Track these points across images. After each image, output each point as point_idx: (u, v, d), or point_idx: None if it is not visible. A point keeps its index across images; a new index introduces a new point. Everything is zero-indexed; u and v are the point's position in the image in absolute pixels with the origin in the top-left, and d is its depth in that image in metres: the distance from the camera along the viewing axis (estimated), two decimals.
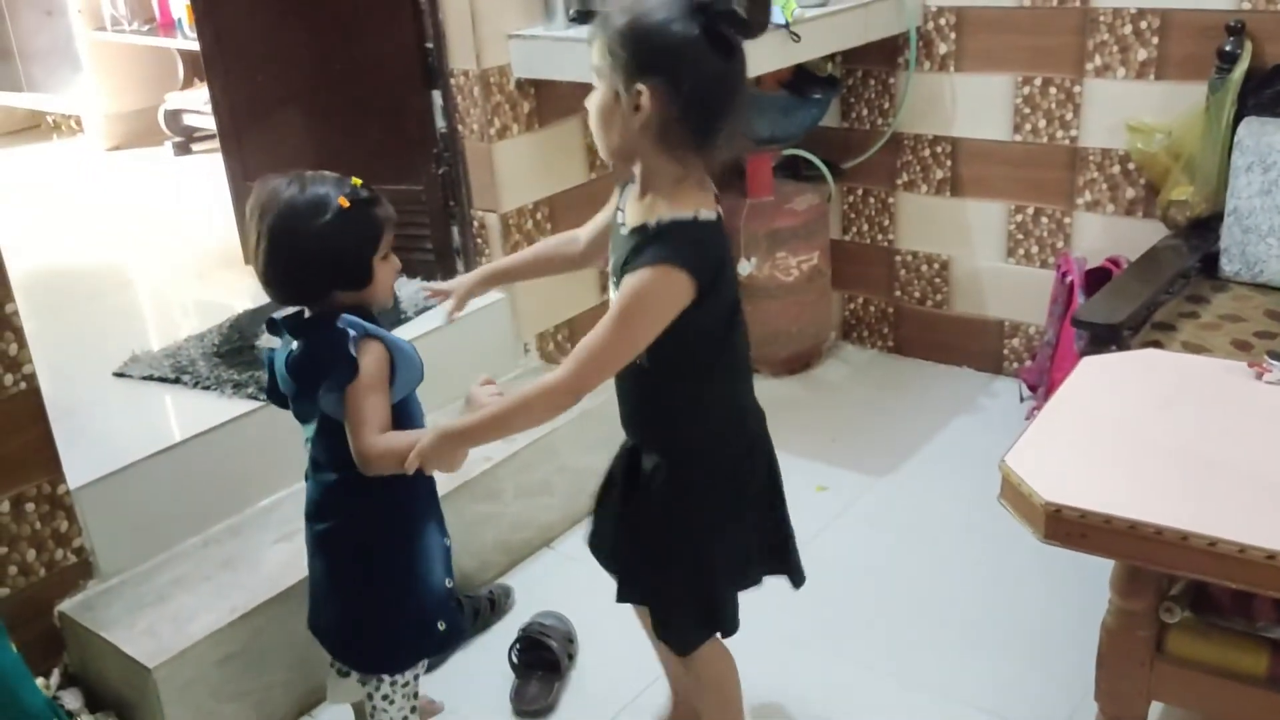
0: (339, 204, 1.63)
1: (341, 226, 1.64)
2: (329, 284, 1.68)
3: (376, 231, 1.68)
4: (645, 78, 1.47)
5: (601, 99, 1.53)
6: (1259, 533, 1.42)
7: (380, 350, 1.67)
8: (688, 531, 1.68)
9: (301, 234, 1.63)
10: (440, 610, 1.80)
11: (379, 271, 1.70)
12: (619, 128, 1.52)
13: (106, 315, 3.16)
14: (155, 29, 4.99)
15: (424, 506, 1.81)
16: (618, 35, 1.49)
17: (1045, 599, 2.37)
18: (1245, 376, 1.83)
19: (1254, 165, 2.57)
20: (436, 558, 1.81)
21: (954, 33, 3.14)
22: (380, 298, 1.73)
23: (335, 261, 1.66)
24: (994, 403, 3.23)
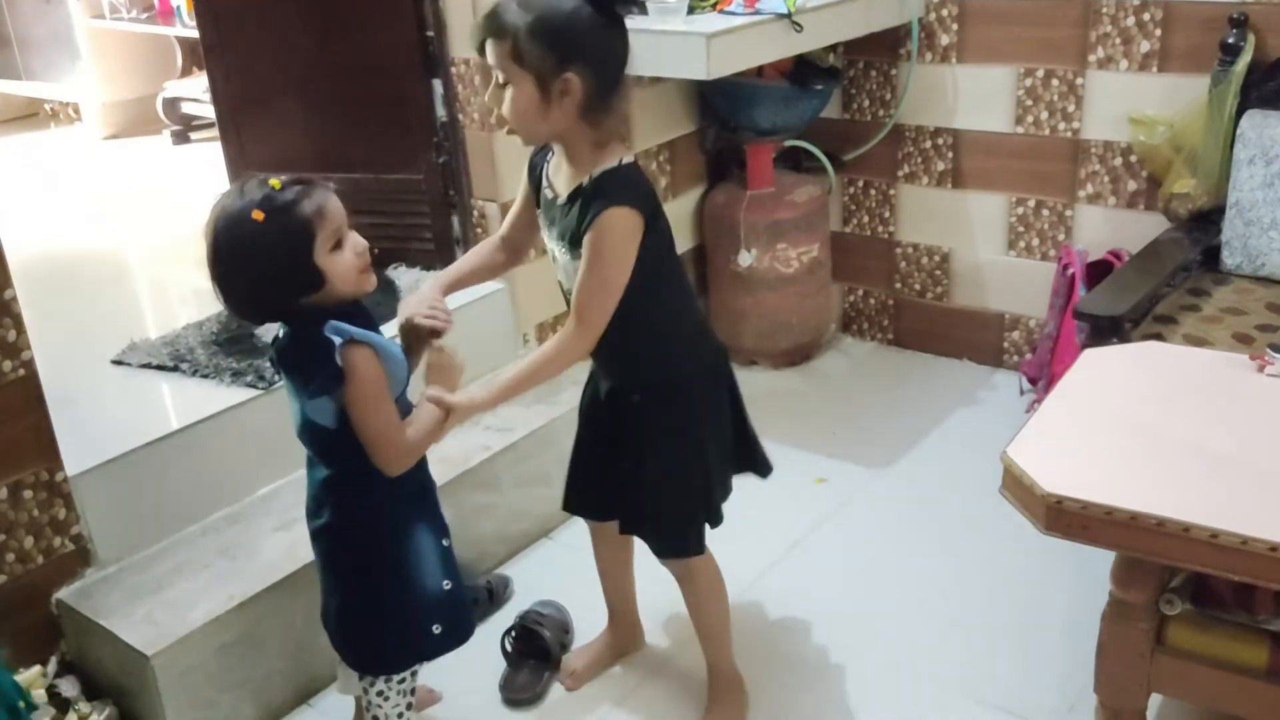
0: (253, 220, 1.55)
1: (262, 241, 1.56)
2: (281, 298, 1.62)
3: (304, 233, 1.57)
4: (569, 66, 1.61)
5: (527, 95, 1.63)
6: (1261, 524, 1.42)
7: (370, 354, 1.62)
8: (686, 440, 1.87)
9: (232, 260, 1.58)
10: (435, 613, 1.78)
11: (330, 266, 1.60)
12: (548, 116, 1.65)
13: (105, 303, 3.15)
14: (154, 17, 4.97)
15: (414, 507, 1.78)
16: (531, 34, 1.59)
17: (1046, 590, 2.36)
18: (1247, 369, 1.82)
19: (1256, 158, 2.56)
20: (430, 559, 1.78)
21: (956, 24, 3.13)
22: (344, 289, 1.63)
23: (273, 277, 1.59)
24: (994, 396, 3.23)
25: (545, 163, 1.81)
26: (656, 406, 1.86)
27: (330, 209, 1.60)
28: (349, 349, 1.59)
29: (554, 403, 2.68)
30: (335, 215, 1.61)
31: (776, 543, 2.54)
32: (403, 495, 1.75)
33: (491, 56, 1.64)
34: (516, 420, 2.61)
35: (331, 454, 1.73)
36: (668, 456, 1.88)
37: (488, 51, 1.65)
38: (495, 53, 1.63)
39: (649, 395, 1.87)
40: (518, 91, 1.63)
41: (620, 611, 2.24)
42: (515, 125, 1.69)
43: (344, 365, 1.59)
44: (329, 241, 1.60)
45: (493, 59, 1.64)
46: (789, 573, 2.47)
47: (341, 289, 1.63)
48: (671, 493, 1.90)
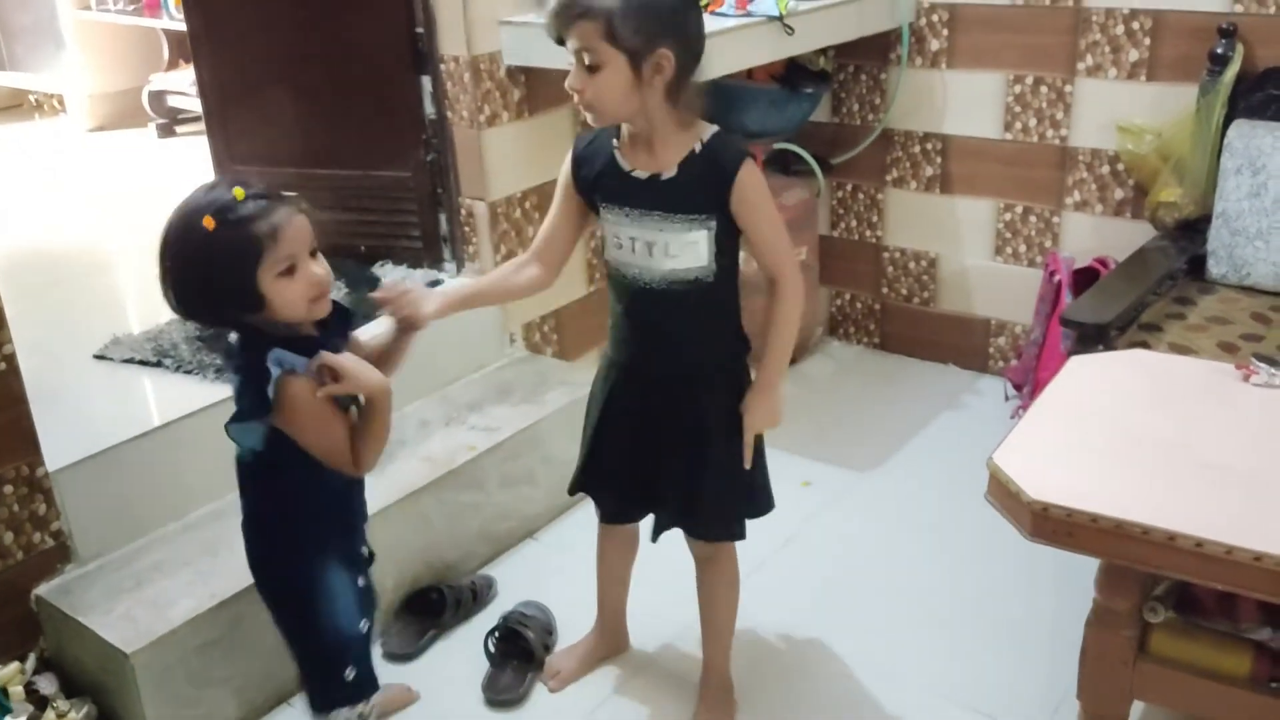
0: (203, 226, 1.49)
1: (206, 251, 1.50)
2: (218, 309, 1.58)
3: (249, 252, 1.50)
4: (662, 42, 1.64)
5: (620, 75, 1.65)
6: (1246, 534, 1.43)
7: (307, 386, 1.57)
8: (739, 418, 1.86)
9: (174, 260, 1.54)
10: (348, 656, 1.74)
11: (274, 291, 1.53)
12: (639, 95, 1.67)
13: (88, 297, 3.12)
14: (140, 9, 4.94)
15: (323, 543, 1.71)
16: (626, 13, 1.61)
17: (1030, 597, 2.37)
18: (1232, 378, 1.83)
19: (1243, 168, 2.57)
20: (342, 599, 1.72)
21: (946, 29, 3.14)
22: (288, 315, 1.56)
23: (210, 287, 1.54)
24: (979, 401, 3.23)
25: (607, 152, 1.80)
26: (720, 384, 1.87)
27: (287, 232, 1.53)
28: (286, 380, 1.55)
29: (540, 403, 2.67)
30: (292, 239, 1.53)
31: (762, 545, 2.53)
32: (317, 530, 1.70)
33: (579, 39, 1.64)
34: (502, 420, 2.60)
35: (253, 475, 1.71)
36: (726, 434, 1.87)
37: (575, 33, 1.64)
38: (585, 33, 1.63)
39: (715, 374, 1.87)
40: (610, 71, 1.64)
41: (610, 614, 2.23)
42: (601, 105, 1.68)
43: (279, 395, 1.55)
44: (278, 265, 1.53)
45: (581, 41, 1.64)
46: (774, 575, 2.47)
47: (285, 315, 1.56)
48: (728, 475, 1.89)
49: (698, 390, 1.86)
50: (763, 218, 1.77)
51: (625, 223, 1.80)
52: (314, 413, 1.59)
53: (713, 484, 1.89)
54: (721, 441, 1.87)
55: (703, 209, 1.74)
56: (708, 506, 1.92)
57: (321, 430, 1.61)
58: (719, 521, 1.95)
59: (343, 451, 1.64)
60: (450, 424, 2.59)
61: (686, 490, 1.90)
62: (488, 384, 2.77)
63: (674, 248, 1.77)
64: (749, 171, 1.73)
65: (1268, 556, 1.39)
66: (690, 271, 1.78)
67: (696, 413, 1.86)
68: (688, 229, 1.75)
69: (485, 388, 2.75)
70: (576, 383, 2.76)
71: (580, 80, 1.68)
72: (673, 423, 1.88)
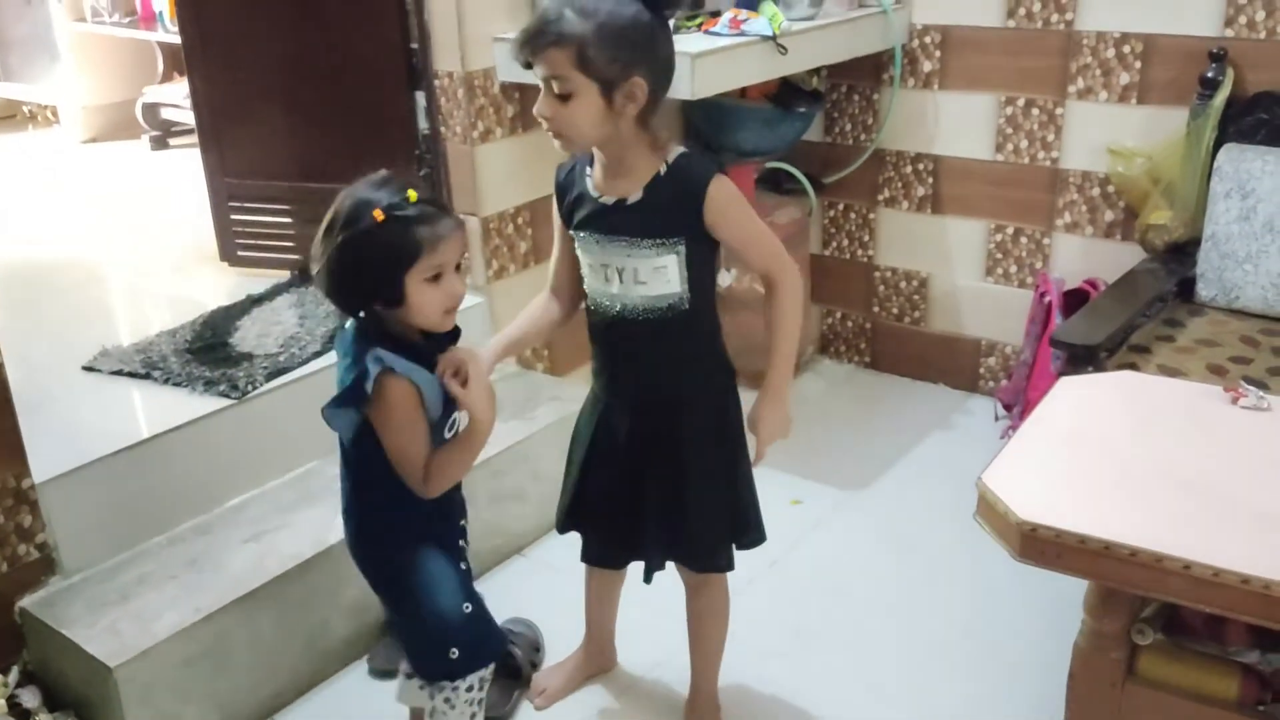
0: (373, 217, 1.56)
1: (370, 240, 1.56)
2: (360, 297, 1.63)
3: (409, 251, 1.57)
4: (635, 70, 1.61)
5: (591, 103, 1.62)
6: (1234, 557, 1.42)
7: (406, 387, 1.61)
8: (731, 444, 1.87)
9: (339, 241, 1.58)
10: (453, 637, 1.74)
11: (417, 293, 1.60)
12: (609, 122, 1.64)
13: (78, 309, 3.11)
14: (136, 21, 4.95)
15: (420, 530, 1.75)
16: (598, 41, 1.58)
17: (1019, 618, 2.37)
18: (1221, 401, 1.83)
19: (1233, 192, 2.59)
20: (444, 582, 1.75)
21: (939, 51, 3.15)
22: (420, 320, 1.63)
23: (361, 275, 1.59)
24: (969, 421, 3.24)
25: (582, 179, 1.77)
26: (702, 412, 1.84)
27: (445, 243, 1.59)
28: (385, 377, 1.59)
29: (530, 419, 2.67)
30: (446, 250, 1.60)
31: (752, 563, 2.51)
32: (416, 518, 1.73)
33: (549, 66, 1.61)
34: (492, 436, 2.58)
35: (351, 464, 1.74)
36: (710, 465, 1.85)
37: (545, 61, 1.61)
38: (556, 61, 1.60)
39: (696, 402, 1.83)
40: (581, 99, 1.61)
41: (598, 632, 2.22)
42: (572, 133, 1.66)
43: (377, 390, 1.59)
44: (428, 271, 1.59)
45: (550, 68, 1.61)
46: (763, 593, 2.46)
47: (418, 319, 1.62)
48: (713, 506, 1.87)
49: (679, 419, 1.83)
50: (744, 225, 1.74)
51: (595, 249, 1.77)
52: (404, 416, 1.63)
53: (697, 514, 1.87)
54: (705, 471, 1.85)
55: (671, 232, 1.70)
56: (693, 537, 1.90)
57: (405, 435, 1.64)
58: (705, 552, 1.93)
59: (416, 464, 1.65)
60: None
61: (671, 522, 1.88)
62: None
63: (643, 273, 1.73)
64: (719, 185, 1.69)
65: (1256, 579, 1.39)
66: (663, 298, 1.74)
67: (677, 441, 1.83)
68: (656, 254, 1.71)
69: None
70: (566, 399, 2.75)
71: (550, 108, 1.64)
72: (654, 454, 1.85)
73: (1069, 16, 2.93)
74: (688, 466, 1.84)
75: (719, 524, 1.90)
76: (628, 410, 1.87)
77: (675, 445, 1.84)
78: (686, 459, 1.84)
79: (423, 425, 1.65)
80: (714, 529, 1.90)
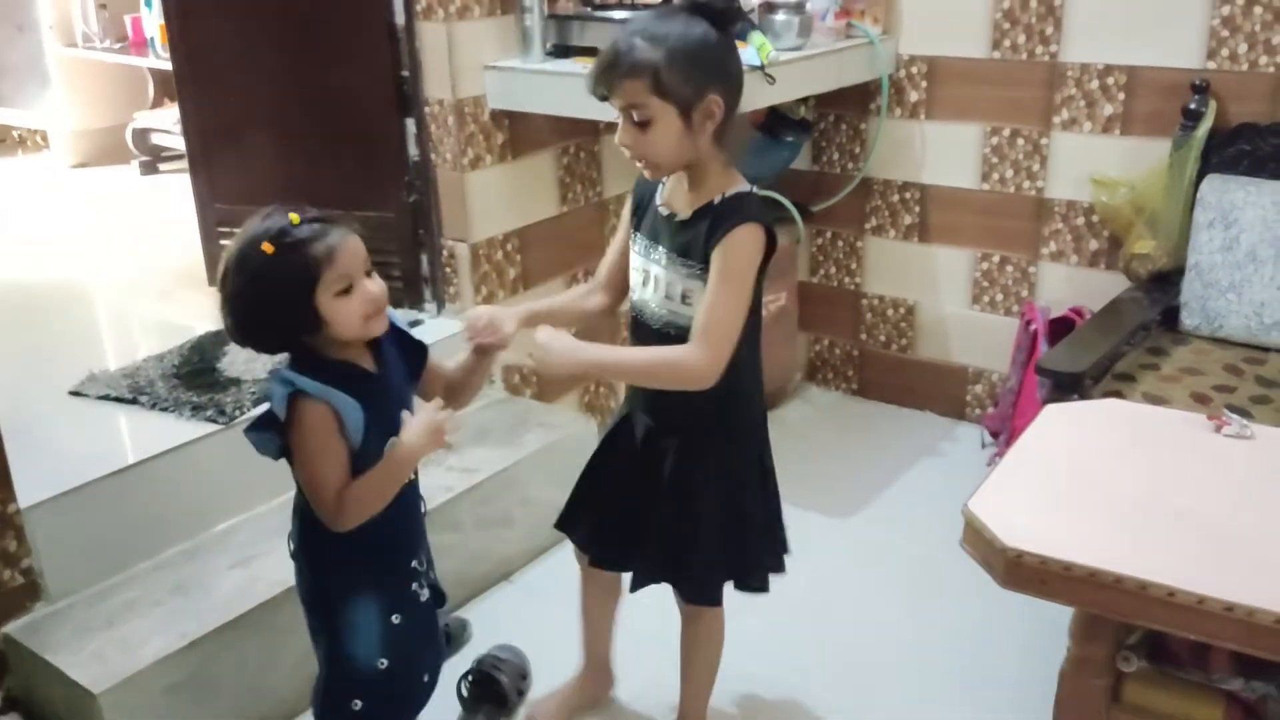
0: (262, 251, 1.52)
1: (267, 275, 1.53)
2: (277, 331, 1.59)
3: (309, 271, 1.53)
4: (710, 89, 1.64)
5: (672, 126, 1.64)
6: (1217, 584, 1.43)
7: (320, 409, 1.56)
8: (749, 490, 1.86)
9: (237, 288, 1.55)
10: (359, 690, 1.69)
11: (331, 309, 1.55)
12: (691, 142, 1.67)
13: (65, 333, 3.10)
14: (127, 47, 4.96)
15: (355, 574, 1.67)
16: (672, 64, 1.61)
17: (1005, 645, 2.37)
18: (1205, 429, 1.85)
19: (1215, 222, 2.61)
20: (367, 634, 1.68)
21: (925, 81, 3.19)
22: (346, 333, 1.59)
23: (270, 309, 1.55)
24: (956, 448, 3.25)
25: (659, 188, 1.80)
26: (711, 448, 1.83)
27: (342, 252, 1.56)
28: (298, 400, 1.55)
29: (518, 445, 2.67)
30: (347, 259, 1.56)
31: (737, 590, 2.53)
32: (352, 562, 1.67)
33: (627, 96, 1.63)
34: (480, 461, 2.59)
35: (296, 504, 1.70)
36: (708, 502, 1.84)
37: (622, 92, 1.63)
38: (633, 91, 1.62)
39: (701, 439, 1.83)
40: (661, 124, 1.63)
41: (596, 659, 2.20)
42: (655, 158, 1.68)
43: (289, 415, 1.55)
44: (336, 285, 1.55)
45: (628, 98, 1.63)
46: (750, 621, 2.45)
47: (344, 334, 1.59)
48: (708, 541, 1.85)
49: (690, 449, 1.83)
50: (726, 279, 1.68)
51: (640, 255, 1.81)
52: (317, 442, 1.57)
53: (696, 547, 1.86)
54: (709, 506, 1.85)
55: (700, 259, 1.71)
56: (694, 569, 1.89)
57: (316, 462, 1.58)
58: (698, 585, 1.92)
59: (326, 493, 1.58)
60: (427, 465, 2.56)
61: (674, 550, 1.88)
62: (466, 425, 2.76)
63: (672, 290, 1.76)
64: (746, 233, 1.67)
65: (1239, 606, 1.40)
66: (685, 317, 1.75)
67: (688, 471, 1.83)
68: (685, 275, 1.73)
69: (463, 429, 2.74)
70: (555, 425, 2.76)
71: (631, 137, 1.67)
72: (664, 477, 1.85)
73: (1053, 48, 2.97)
74: (695, 500, 1.84)
75: (717, 561, 1.88)
76: (645, 428, 1.88)
77: (687, 476, 1.84)
78: (695, 495, 1.84)
79: (337, 452, 1.58)
80: (711, 565, 1.89)
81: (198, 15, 3.00)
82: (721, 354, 1.68)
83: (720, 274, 1.67)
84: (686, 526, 1.85)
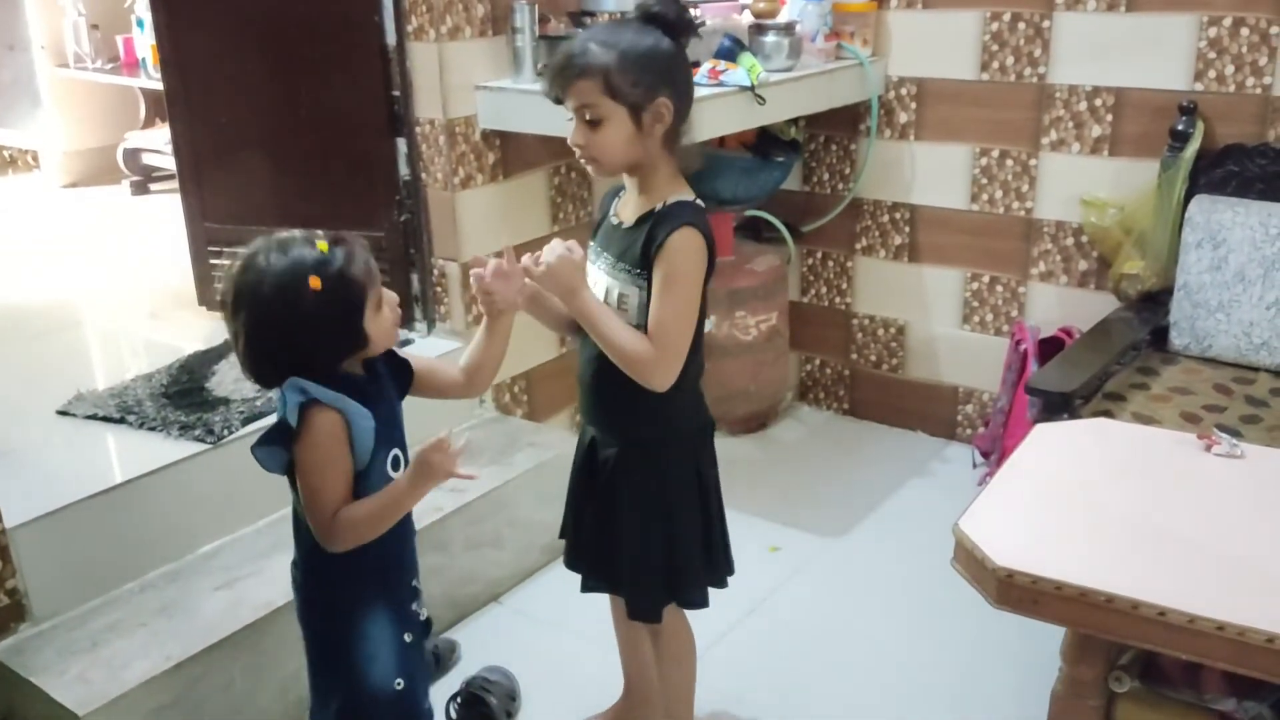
0: (310, 288, 1.48)
1: (322, 311, 1.49)
2: (324, 362, 1.54)
3: (358, 298, 1.52)
4: (660, 91, 1.69)
5: (621, 127, 1.69)
6: (1208, 603, 1.43)
7: (334, 419, 1.51)
8: (655, 504, 1.84)
9: (279, 328, 1.49)
10: (378, 715, 1.65)
11: (374, 328, 1.55)
12: (640, 144, 1.71)
13: (54, 353, 3.09)
14: (119, 67, 4.96)
15: (368, 589, 1.62)
16: (623, 66, 1.66)
17: (996, 664, 2.36)
18: (1195, 448, 1.85)
19: (1204, 242, 2.62)
20: (382, 650, 1.63)
21: (915, 103, 3.20)
22: (382, 346, 1.60)
23: (322, 343, 1.52)
24: (946, 468, 3.25)
25: (617, 198, 1.85)
26: (635, 463, 1.83)
27: (373, 266, 1.56)
28: (309, 408, 1.50)
29: (508, 465, 2.66)
30: (376, 272, 1.56)
31: (730, 610, 2.51)
32: (364, 574, 1.61)
33: (579, 97, 1.68)
34: (470, 482, 2.57)
35: (296, 524, 1.64)
36: (636, 517, 1.84)
37: (575, 92, 1.69)
38: (585, 91, 1.67)
39: (631, 450, 1.83)
40: (612, 124, 1.68)
41: (634, 683, 2.14)
42: (604, 158, 1.72)
43: (300, 424, 1.50)
44: (374, 303, 1.55)
45: (580, 99, 1.68)
46: (741, 640, 2.45)
47: (379, 347, 1.59)
48: (636, 556, 1.85)
49: (625, 457, 1.84)
50: (672, 283, 1.70)
51: (592, 263, 1.83)
52: (325, 452, 1.52)
53: (627, 564, 1.86)
54: (635, 522, 1.84)
55: (638, 264, 1.73)
56: (625, 586, 1.91)
57: (321, 473, 1.53)
58: (634, 603, 1.90)
59: (326, 508, 1.53)
60: None
61: (610, 564, 1.89)
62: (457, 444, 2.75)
63: (611, 297, 1.78)
64: (686, 236, 1.69)
65: (1230, 626, 1.39)
66: None
67: (620, 483, 1.84)
68: (625, 281, 1.76)
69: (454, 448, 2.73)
70: (545, 445, 2.75)
71: (583, 136, 1.71)
72: (600, 487, 1.87)
73: (1041, 70, 2.98)
74: (621, 516, 1.85)
75: (650, 580, 1.87)
76: (589, 439, 1.90)
77: (617, 493, 1.85)
78: (620, 509, 1.85)
79: (344, 466, 1.54)
80: (644, 582, 1.88)
81: (189, 35, 3.00)
82: (675, 360, 1.73)
83: (664, 280, 1.70)
84: (618, 541, 1.86)
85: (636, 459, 1.83)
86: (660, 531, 1.85)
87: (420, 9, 2.62)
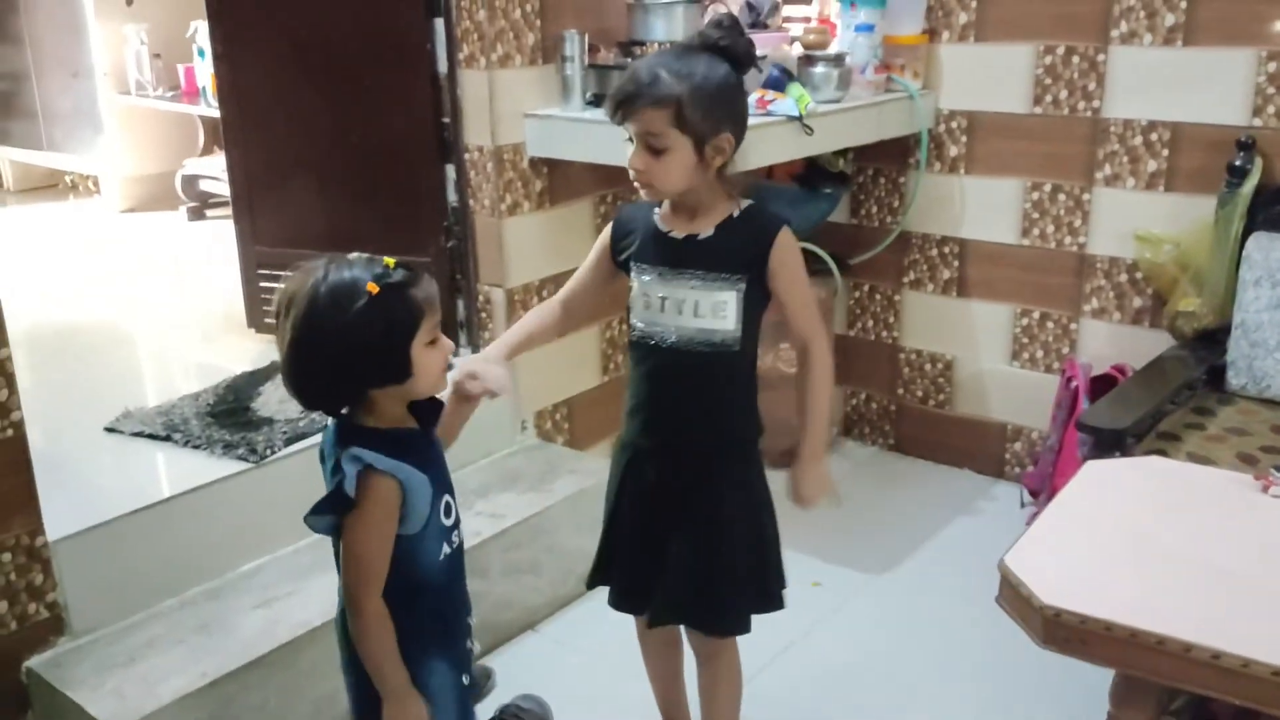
0: (367, 290, 1.43)
1: (370, 316, 1.43)
2: (361, 382, 1.49)
3: (413, 318, 1.47)
4: (725, 126, 1.72)
5: (685, 157, 1.70)
6: (1265, 647, 1.38)
7: (388, 486, 1.47)
8: (760, 500, 1.87)
9: (327, 329, 1.44)
10: None
11: (421, 360, 1.48)
12: (699, 173, 1.73)
13: (106, 372, 3.14)
14: (179, 95, 5.07)
15: (426, 637, 1.57)
16: (694, 100, 1.67)
17: (1042, 707, 2.30)
18: (1251, 489, 1.79)
19: (1262, 280, 2.56)
20: (443, 702, 1.58)
21: (965, 136, 3.17)
22: (424, 388, 1.52)
23: (365, 357, 1.45)
24: (994, 506, 3.19)
25: (649, 216, 1.83)
26: (735, 461, 1.84)
27: (435, 298, 1.51)
28: (367, 476, 1.46)
29: (547, 492, 2.65)
30: (437, 305, 1.52)
31: (770, 644, 2.47)
32: (422, 627, 1.56)
33: (645, 124, 1.69)
34: (508, 507, 2.57)
35: None
36: (739, 517, 1.83)
37: (642, 119, 1.69)
38: (653, 119, 1.68)
39: (732, 450, 1.84)
40: (675, 153, 1.70)
41: (668, 714, 2.12)
42: (662, 184, 1.74)
43: (361, 490, 1.46)
44: (429, 335, 1.49)
45: (646, 126, 1.69)
46: (782, 675, 2.41)
47: (421, 387, 1.52)
48: (731, 563, 1.83)
49: (712, 470, 1.82)
50: (798, 280, 1.79)
51: (657, 282, 1.80)
52: (375, 520, 1.48)
53: (727, 576, 1.84)
54: (737, 528, 1.83)
55: (736, 269, 1.75)
56: (721, 597, 1.85)
57: (369, 539, 1.48)
58: (731, 613, 1.87)
59: (369, 576, 1.48)
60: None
61: (699, 580, 1.84)
62: (496, 470, 2.75)
63: (703, 307, 1.77)
64: (787, 235, 1.77)
65: None
66: (715, 334, 1.76)
67: (711, 496, 1.82)
68: (719, 288, 1.75)
69: (493, 474, 2.73)
70: (586, 471, 2.74)
71: (643, 162, 1.72)
72: (685, 504, 1.83)
73: (1096, 104, 2.95)
74: (723, 525, 1.83)
75: (748, 587, 1.87)
76: (661, 454, 1.85)
77: (709, 501, 1.82)
78: (722, 517, 1.82)
79: (389, 535, 1.49)
80: (742, 592, 1.86)
81: (246, 64, 3.06)
82: (825, 332, 1.85)
83: (791, 275, 1.78)
84: (716, 556, 1.82)
85: (737, 457, 1.85)
86: (758, 530, 1.86)
87: (472, 37, 2.65)
